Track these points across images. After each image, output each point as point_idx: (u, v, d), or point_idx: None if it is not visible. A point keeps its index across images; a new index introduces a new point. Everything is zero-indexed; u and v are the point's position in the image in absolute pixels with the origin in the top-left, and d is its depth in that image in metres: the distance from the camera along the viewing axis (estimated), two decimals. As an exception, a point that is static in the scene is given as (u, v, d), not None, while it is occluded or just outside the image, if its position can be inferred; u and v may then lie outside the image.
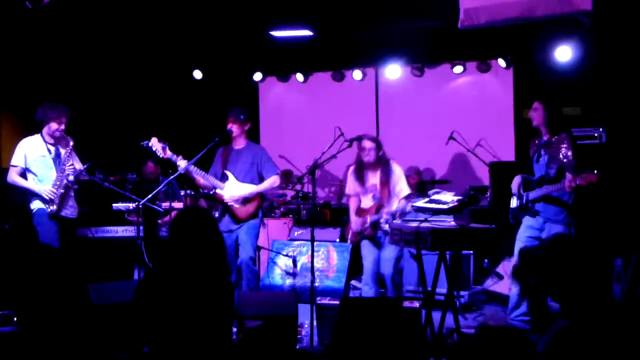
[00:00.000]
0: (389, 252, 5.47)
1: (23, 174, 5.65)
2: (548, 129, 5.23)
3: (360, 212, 5.66)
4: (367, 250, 5.58)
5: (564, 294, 2.36)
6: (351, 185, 5.76)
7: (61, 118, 5.66)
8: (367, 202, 5.64)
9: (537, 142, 5.36)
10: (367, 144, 5.54)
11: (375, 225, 5.50)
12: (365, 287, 5.56)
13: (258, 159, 5.86)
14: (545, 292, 2.41)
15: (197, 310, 2.88)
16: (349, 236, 5.81)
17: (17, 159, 5.65)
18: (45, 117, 5.65)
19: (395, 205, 5.46)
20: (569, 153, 5.05)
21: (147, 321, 2.88)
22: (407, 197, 5.42)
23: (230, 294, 3.08)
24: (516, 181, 5.39)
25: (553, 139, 5.19)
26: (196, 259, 2.95)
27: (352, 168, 5.75)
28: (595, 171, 4.71)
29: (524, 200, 5.27)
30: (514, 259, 5.25)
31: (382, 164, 5.56)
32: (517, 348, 2.56)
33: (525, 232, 5.29)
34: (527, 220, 5.30)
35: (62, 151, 5.71)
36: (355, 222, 5.68)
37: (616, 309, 2.35)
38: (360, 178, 5.64)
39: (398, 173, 5.60)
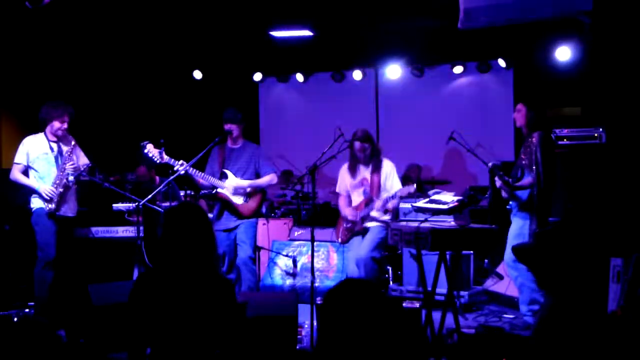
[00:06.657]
0: (368, 236, 5.60)
1: (25, 171, 5.68)
2: (527, 130, 5.31)
3: None
4: (354, 246, 5.68)
5: (549, 282, 2.49)
6: (342, 182, 5.91)
7: (64, 117, 5.67)
8: (357, 198, 5.73)
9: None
10: (357, 145, 5.71)
11: (365, 219, 5.59)
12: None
13: (255, 158, 5.88)
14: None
15: (194, 307, 2.87)
16: (339, 234, 5.87)
17: (20, 156, 5.68)
18: (48, 116, 5.67)
19: (384, 196, 5.56)
20: (538, 153, 5.12)
21: (144, 321, 2.87)
22: (400, 190, 5.50)
23: (227, 288, 3.03)
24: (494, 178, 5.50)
25: (528, 139, 5.26)
26: (189, 255, 2.94)
27: (345, 165, 5.91)
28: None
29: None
30: (505, 257, 5.36)
31: (374, 159, 5.70)
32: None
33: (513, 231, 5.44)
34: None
35: (65, 149, 5.72)
36: (347, 215, 5.78)
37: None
38: (353, 171, 5.81)
39: (389, 168, 5.72)
